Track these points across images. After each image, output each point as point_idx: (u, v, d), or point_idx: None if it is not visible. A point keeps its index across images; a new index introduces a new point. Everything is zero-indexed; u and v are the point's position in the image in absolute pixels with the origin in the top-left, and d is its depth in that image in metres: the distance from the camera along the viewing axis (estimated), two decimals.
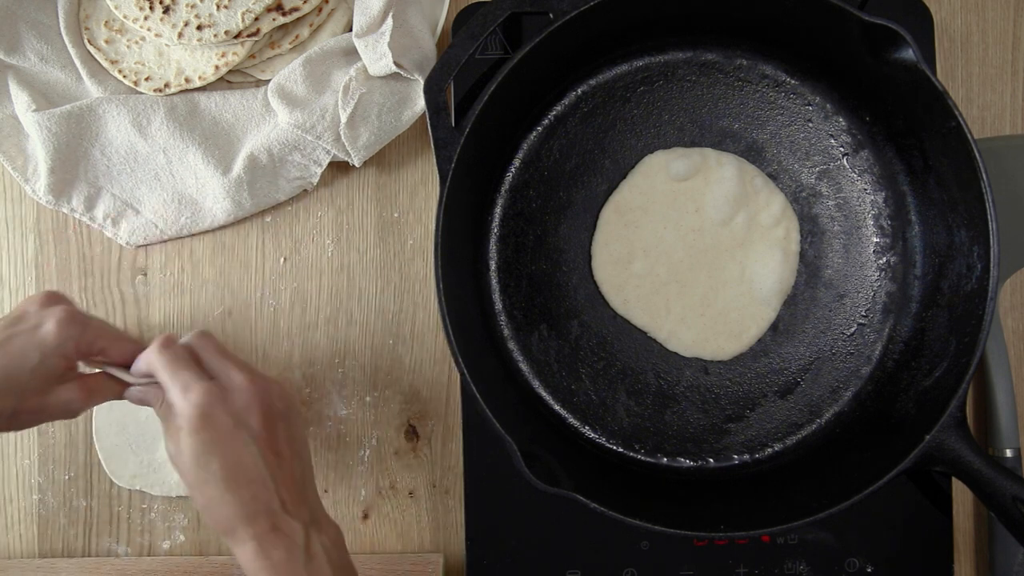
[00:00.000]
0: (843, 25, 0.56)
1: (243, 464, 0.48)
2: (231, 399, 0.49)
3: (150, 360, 0.51)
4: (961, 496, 0.64)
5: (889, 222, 0.63)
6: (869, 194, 0.64)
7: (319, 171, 0.64)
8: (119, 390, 0.53)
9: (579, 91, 0.64)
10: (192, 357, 0.51)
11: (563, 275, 0.64)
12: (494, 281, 0.65)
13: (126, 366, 0.53)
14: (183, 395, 0.49)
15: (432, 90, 0.57)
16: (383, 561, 0.64)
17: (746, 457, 0.63)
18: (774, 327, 0.64)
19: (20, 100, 0.64)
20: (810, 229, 0.64)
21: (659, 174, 0.64)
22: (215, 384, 0.50)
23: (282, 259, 0.67)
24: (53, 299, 0.53)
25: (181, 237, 0.66)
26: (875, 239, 0.63)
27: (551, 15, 0.57)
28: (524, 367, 0.64)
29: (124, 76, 0.65)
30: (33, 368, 0.50)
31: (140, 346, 0.53)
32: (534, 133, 0.65)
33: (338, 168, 0.67)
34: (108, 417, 0.65)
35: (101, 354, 0.52)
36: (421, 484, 0.66)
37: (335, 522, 0.52)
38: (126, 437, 0.65)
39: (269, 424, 0.50)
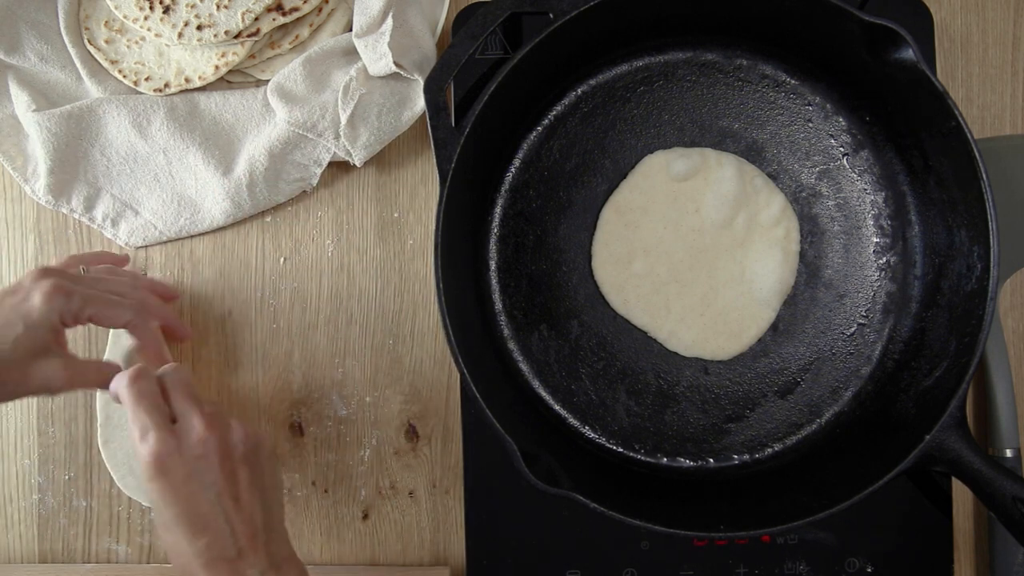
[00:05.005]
0: (843, 25, 0.56)
1: (199, 513, 0.48)
2: (186, 447, 0.49)
3: (119, 390, 0.51)
4: (961, 496, 0.64)
5: (889, 222, 0.63)
6: (869, 194, 0.64)
7: (319, 171, 0.64)
8: (104, 379, 0.53)
9: (579, 91, 0.64)
10: (162, 393, 0.51)
11: (563, 275, 0.64)
12: (494, 281, 0.65)
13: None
14: (141, 440, 0.49)
15: (432, 90, 0.57)
16: (386, 573, 0.64)
17: (746, 457, 0.63)
18: (774, 327, 0.64)
19: (20, 100, 0.64)
20: (810, 229, 0.64)
21: (659, 174, 0.64)
22: (171, 432, 0.49)
23: (282, 259, 0.67)
24: (45, 272, 0.53)
25: (180, 238, 0.66)
26: (875, 239, 0.63)
27: (551, 15, 0.57)
28: (524, 367, 0.64)
29: (124, 76, 0.65)
30: (16, 338, 0.50)
31: (132, 314, 0.55)
32: (534, 133, 0.65)
33: (338, 168, 0.67)
34: (114, 425, 0.65)
35: (91, 320, 0.54)
36: (421, 484, 0.66)
37: (300, 562, 0.52)
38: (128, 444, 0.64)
39: (228, 471, 0.50)
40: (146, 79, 0.65)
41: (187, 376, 0.53)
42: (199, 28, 0.62)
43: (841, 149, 0.64)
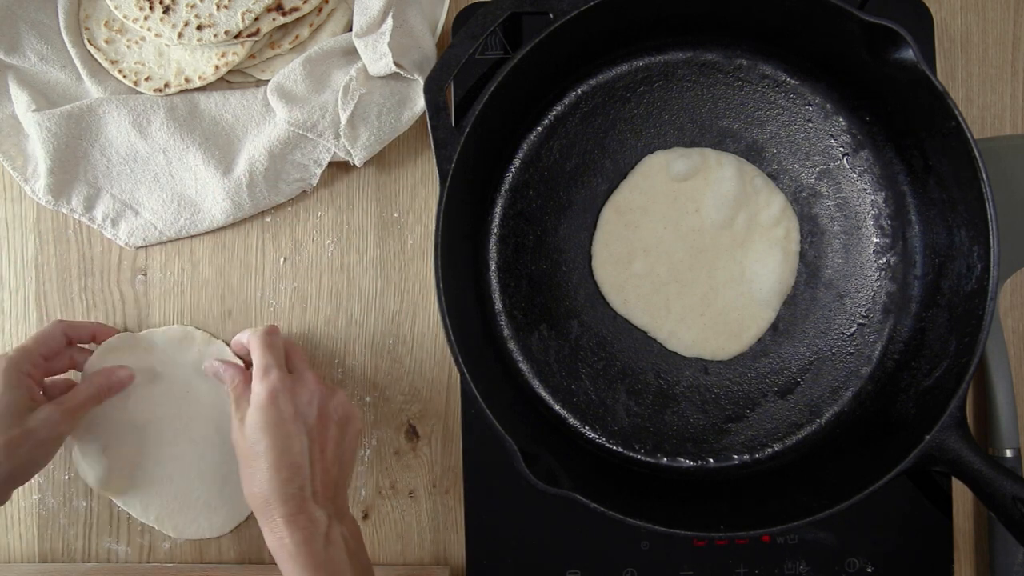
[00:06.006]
0: (843, 25, 0.56)
1: (290, 448, 0.54)
2: (298, 392, 0.57)
3: (252, 339, 0.60)
4: (961, 496, 0.64)
5: (889, 222, 0.63)
6: (869, 194, 0.64)
7: (319, 171, 0.64)
8: (92, 398, 0.60)
9: (579, 91, 0.64)
10: (284, 352, 0.60)
11: (563, 275, 0.64)
12: (494, 281, 0.65)
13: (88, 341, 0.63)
14: (263, 375, 0.57)
15: (432, 90, 0.57)
16: (387, 572, 0.64)
17: (746, 457, 0.63)
18: (774, 327, 0.64)
19: (20, 100, 0.64)
20: (810, 229, 0.64)
21: (659, 174, 0.64)
22: (290, 376, 0.57)
23: (282, 259, 0.67)
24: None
25: (180, 238, 0.66)
26: (875, 239, 0.63)
27: (551, 15, 0.57)
28: (524, 367, 0.64)
29: (124, 76, 0.65)
30: None
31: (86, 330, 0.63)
32: (534, 133, 0.65)
33: (338, 168, 0.67)
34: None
35: (60, 357, 0.61)
36: (421, 484, 0.66)
37: (355, 520, 0.57)
38: (99, 437, 0.63)
39: (323, 423, 0.56)
40: (146, 79, 0.65)
41: (302, 350, 0.63)
42: (199, 28, 0.62)
43: (841, 149, 0.64)
